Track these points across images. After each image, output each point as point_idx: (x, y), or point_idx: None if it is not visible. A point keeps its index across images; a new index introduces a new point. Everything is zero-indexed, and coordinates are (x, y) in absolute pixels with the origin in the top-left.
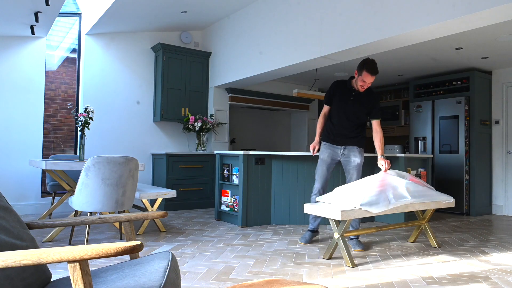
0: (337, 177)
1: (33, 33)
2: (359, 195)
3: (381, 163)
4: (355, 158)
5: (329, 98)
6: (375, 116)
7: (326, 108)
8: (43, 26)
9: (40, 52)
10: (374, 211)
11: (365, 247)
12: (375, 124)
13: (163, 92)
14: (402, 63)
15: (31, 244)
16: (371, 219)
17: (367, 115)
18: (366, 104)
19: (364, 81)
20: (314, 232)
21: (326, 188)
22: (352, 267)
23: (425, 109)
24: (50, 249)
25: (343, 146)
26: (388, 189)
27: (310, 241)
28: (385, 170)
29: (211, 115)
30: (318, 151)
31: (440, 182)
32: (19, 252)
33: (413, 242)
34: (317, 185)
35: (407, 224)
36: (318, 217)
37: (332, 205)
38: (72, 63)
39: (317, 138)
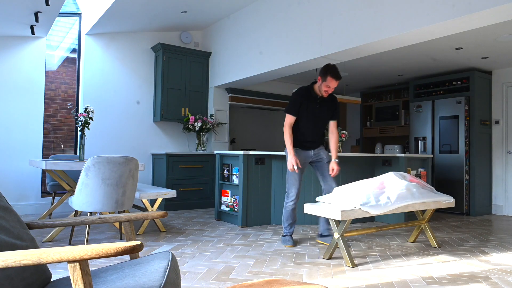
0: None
1: (33, 33)
2: (359, 195)
3: (333, 166)
4: (324, 156)
5: (297, 109)
6: (334, 118)
7: (292, 118)
8: (43, 26)
9: (40, 52)
10: (374, 212)
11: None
12: (333, 126)
13: (163, 92)
14: (402, 63)
15: (31, 244)
16: (371, 219)
17: (330, 118)
18: (330, 108)
19: (329, 87)
20: (291, 235)
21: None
22: (352, 267)
23: (425, 109)
24: (50, 249)
25: (314, 149)
26: (388, 190)
27: (294, 241)
28: (333, 175)
29: (211, 115)
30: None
31: (440, 182)
32: (19, 252)
33: (413, 242)
34: (294, 191)
35: (407, 224)
36: (294, 223)
37: (332, 205)
38: (72, 63)
39: (293, 151)
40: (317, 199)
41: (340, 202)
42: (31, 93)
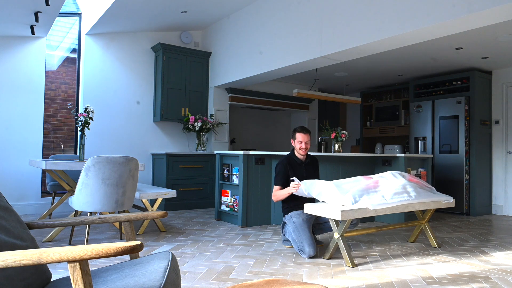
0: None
1: (33, 33)
2: (348, 195)
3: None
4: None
5: (285, 179)
6: (318, 178)
7: (279, 188)
8: (43, 26)
9: (40, 52)
10: (371, 204)
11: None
12: None
13: (163, 92)
14: (402, 63)
15: (31, 244)
16: (371, 219)
17: (316, 179)
18: (316, 169)
19: (301, 141)
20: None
21: None
22: (352, 267)
23: (425, 109)
24: (50, 249)
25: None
26: (382, 189)
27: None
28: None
29: (211, 115)
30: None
31: (440, 182)
32: (19, 252)
33: (413, 242)
34: (311, 249)
35: (407, 224)
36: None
37: (332, 205)
38: (72, 63)
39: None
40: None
41: (334, 197)
42: (31, 93)
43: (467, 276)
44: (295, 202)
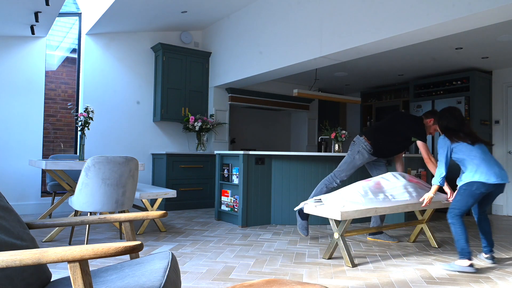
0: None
1: (33, 33)
2: (356, 190)
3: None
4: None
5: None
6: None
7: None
8: (43, 26)
9: (40, 52)
10: (374, 205)
11: (395, 239)
12: None
13: (163, 92)
14: (402, 63)
15: (31, 244)
16: (371, 219)
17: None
18: None
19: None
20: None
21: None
22: (352, 267)
23: (425, 109)
24: (50, 249)
25: None
26: (386, 190)
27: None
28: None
29: (211, 115)
30: None
31: None
32: (19, 252)
33: (413, 242)
34: (344, 175)
35: (407, 224)
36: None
37: (332, 204)
38: (72, 63)
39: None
40: (315, 198)
41: (339, 198)
42: (31, 93)
43: (467, 276)
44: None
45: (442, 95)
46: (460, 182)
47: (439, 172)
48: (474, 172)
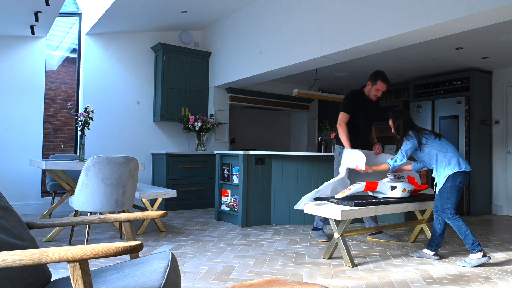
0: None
1: (33, 33)
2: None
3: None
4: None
5: (354, 110)
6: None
7: (347, 116)
8: (43, 26)
9: (40, 52)
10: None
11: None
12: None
13: (163, 92)
14: (402, 63)
15: (31, 244)
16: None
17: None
18: (376, 108)
19: (379, 90)
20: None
21: None
22: (352, 267)
23: (425, 109)
24: (50, 249)
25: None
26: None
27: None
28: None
29: (211, 115)
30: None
31: None
32: (19, 252)
33: (413, 242)
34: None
35: (407, 224)
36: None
37: (332, 204)
38: (72, 63)
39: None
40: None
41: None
42: (31, 93)
43: (467, 276)
44: (356, 134)
45: (442, 95)
46: (439, 175)
47: (400, 158)
48: (453, 164)
